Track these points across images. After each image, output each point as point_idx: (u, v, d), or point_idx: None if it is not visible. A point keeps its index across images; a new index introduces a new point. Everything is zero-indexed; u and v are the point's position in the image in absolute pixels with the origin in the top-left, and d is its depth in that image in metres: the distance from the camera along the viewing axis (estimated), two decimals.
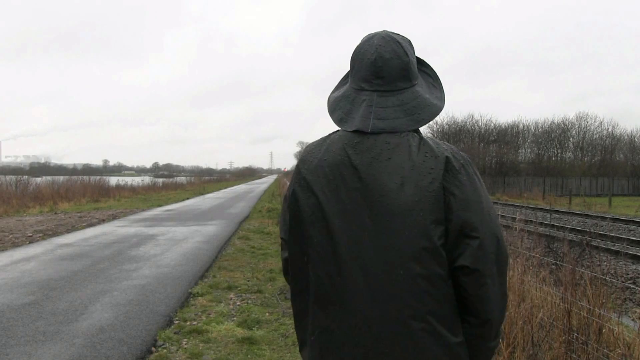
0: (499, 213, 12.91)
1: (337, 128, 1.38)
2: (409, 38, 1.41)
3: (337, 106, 1.37)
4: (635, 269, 8.75)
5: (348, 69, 1.42)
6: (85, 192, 24.97)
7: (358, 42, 1.39)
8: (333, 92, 1.45)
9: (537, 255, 4.70)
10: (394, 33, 1.37)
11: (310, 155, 1.36)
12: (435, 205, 1.21)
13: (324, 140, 1.38)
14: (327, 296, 1.27)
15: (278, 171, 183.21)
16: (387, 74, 1.30)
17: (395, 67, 1.30)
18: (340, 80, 1.47)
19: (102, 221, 14.60)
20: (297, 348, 4.59)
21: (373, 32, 1.39)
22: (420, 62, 1.41)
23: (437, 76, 1.42)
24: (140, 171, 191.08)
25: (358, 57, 1.36)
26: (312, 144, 1.41)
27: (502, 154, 42.94)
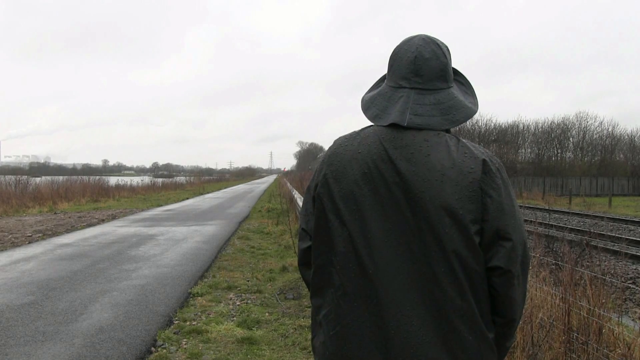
0: None
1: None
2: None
3: (373, 104, 1.39)
4: (635, 269, 8.75)
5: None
6: (84, 192, 24.96)
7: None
8: (367, 92, 1.47)
9: (537, 255, 4.69)
10: (433, 36, 1.40)
11: (342, 148, 1.37)
12: (474, 205, 1.23)
13: (357, 133, 1.39)
14: (355, 290, 1.26)
15: (278, 171, 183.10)
16: (425, 73, 1.33)
17: (434, 67, 1.33)
18: (375, 83, 1.49)
19: (101, 221, 14.60)
20: (297, 348, 4.57)
21: (412, 35, 1.42)
22: (454, 71, 1.44)
23: (471, 85, 1.45)
24: (140, 171, 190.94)
25: (397, 56, 1.38)
26: (343, 137, 1.41)
27: (502, 154, 42.91)
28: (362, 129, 1.39)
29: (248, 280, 6.84)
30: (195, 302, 5.67)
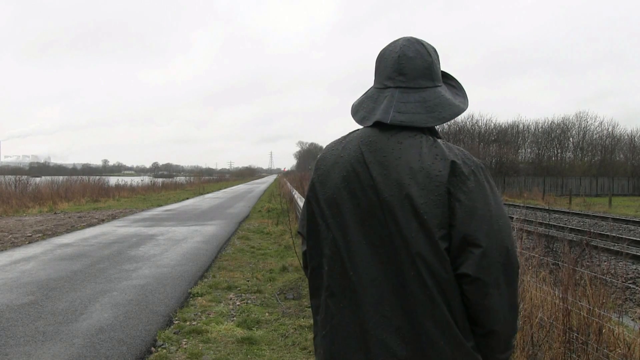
0: None
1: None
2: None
3: (360, 107, 1.40)
4: (635, 269, 8.75)
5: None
6: (84, 192, 24.97)
7: (383, 42, 1.42)
8: (358, 99, 1.48)
9: (537, 255, 4.69)
10: (418, 37, 1.40)
11: (329, 153, 1.39)
12: (440, 210, 1.20)
13: (343, 138, 1.41)
14: (341, 292, 1.28)
15: (278, 171, 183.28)
16: (409, 71, 1.33)
17: (418, 65, 1.33)
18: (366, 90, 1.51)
19: (101, 221, 14.60)
20: (297, 348, 4.58)
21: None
22: (445, 75, 1.44)
23: (462, 87, 1.45)
24: (140, 171, 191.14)
25: (383, 57, 1.39)
26: (333, 142, 1.44)
27: (502, 154, 42.90)
28: (349, 133, 1.41)
29: (248, 280, 6.84)
30: (195, 302, 5.67)
